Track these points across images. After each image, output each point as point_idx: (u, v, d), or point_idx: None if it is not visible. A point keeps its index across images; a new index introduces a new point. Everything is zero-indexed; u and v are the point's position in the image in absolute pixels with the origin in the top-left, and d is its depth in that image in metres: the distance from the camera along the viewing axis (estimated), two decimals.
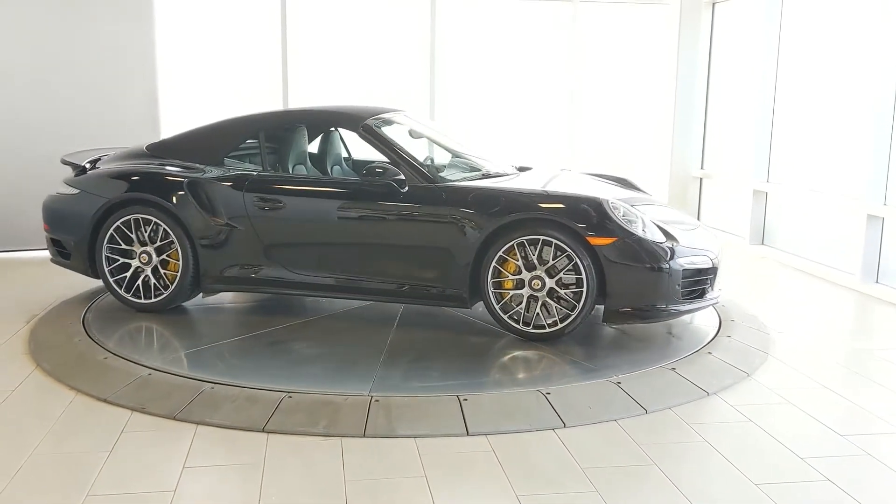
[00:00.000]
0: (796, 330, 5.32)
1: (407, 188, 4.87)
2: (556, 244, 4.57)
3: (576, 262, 4.54)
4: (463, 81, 9.07)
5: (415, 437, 3.62)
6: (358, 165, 5.94)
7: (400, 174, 4.87)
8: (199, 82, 8.77)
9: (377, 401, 3.87)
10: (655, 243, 4.59)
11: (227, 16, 8.66)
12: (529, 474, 3.30)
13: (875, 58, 6.40)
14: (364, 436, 3.62)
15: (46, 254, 7.28)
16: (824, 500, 3.12)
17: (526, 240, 4.61)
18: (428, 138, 6.06)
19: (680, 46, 8.97)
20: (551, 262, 4.60)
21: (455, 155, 5.82)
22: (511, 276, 4.67)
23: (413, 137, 5.93)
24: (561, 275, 4.60)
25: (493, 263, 4.67)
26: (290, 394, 3.93)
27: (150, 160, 5.53)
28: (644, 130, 9.56)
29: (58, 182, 5.69)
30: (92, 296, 5.76)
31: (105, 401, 3.98)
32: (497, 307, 4.73)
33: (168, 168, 5.41)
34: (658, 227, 4.75)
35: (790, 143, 7.70)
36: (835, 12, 7.11)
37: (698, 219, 9.25)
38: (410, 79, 8.87)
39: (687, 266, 4.65)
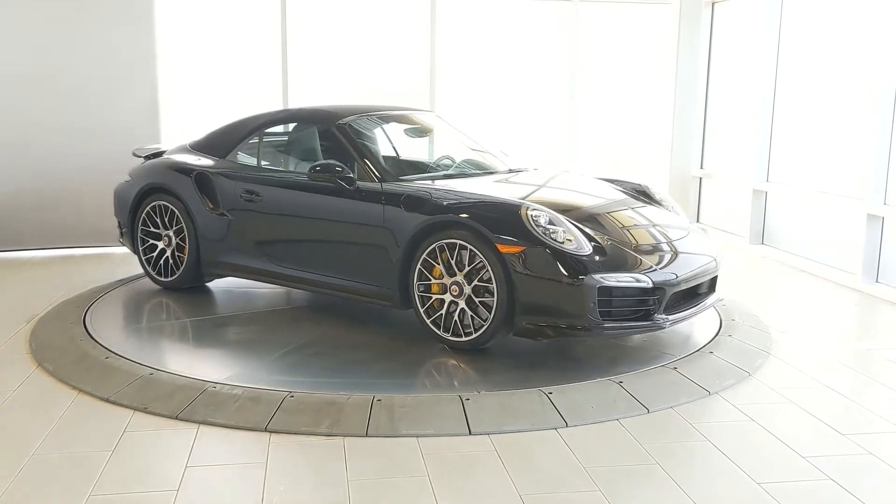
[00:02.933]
0: (797, 329, 5.33)
1: (355, 187, 4.96)
2: (470, 249, 4.41)
3: (487, 270, 4.35)
4: (463, 81, 9.07)
5: (417, 436, 3.62)
6: (399, 165, 5.86)
7: (349, 173, 4.99)
8: (200, 84, 8.76)
9: (379, 400, 3.87)
10: (569, 255, 4.25)
11: (227, 17, 8.65)
12: (532, 474, 3.30)
13: (875, 57, 6.40)
14: (366, 435, 3.62)
15: (46, 253, 7.35)
16: (826, 500, 3.12)
17: (445, 243, 4.50)
18: (450, 138, 6.14)
19: (680, 46, 8.98)
20: (468, 268, 4.42)
21: (468, 155, 5.88)
22: (434, 280, 4.58)
23: (410, 136, 6.03)
24: (476, 282, 4.40)
25: (419, 266, 4.60)
26: (293, 393, 3.94)
27: (186, 154, 6.02)
28: (644, 130, 9.56)
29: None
30: (93, 295, 5.76)
31: (107, 401, 3.98)
32: (421, 311, 4.65)
33: (185, 161, 5.89)
34: (593, 239, 4.42)
35: (790, 143, 7.71)
36: (835, 12, 7.12)
37: (698, 220, 9.26)
38: (411, 78, 8.87)
39: (607, 283, 4.24)
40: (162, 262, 5.85)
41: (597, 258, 4.33)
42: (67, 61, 7.30)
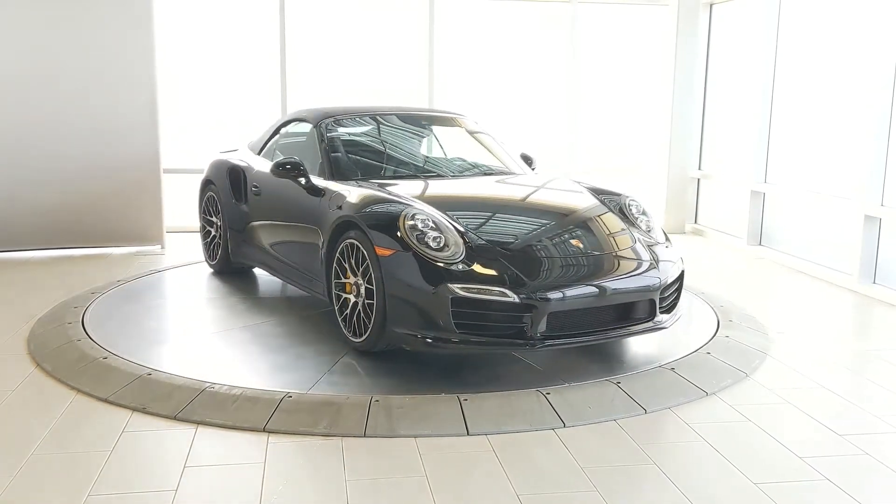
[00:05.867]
0: (795, 330, 5.34)
1: (309, 184, 5.19)
2: (362, 251, 4.41)
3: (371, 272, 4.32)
4: (462, 82, 9.09)
5: (415, 436, 3.63)
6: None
7: (303, 171, 5.22)
8: (199, 84, 8.78)
9: (377, 401, 3.88)
10: (431, 262, 4.10)
11: (226, 18, 8.67)
12: (530, 474, 3.31)
13: (872, 58, 6.42)
14: (365, 435, 3.63)
15: (45, 254, 7.39)
16: (823, 500, 3.13)
17: (348, 243, 4.52)
18: (466, 143, 6.25)
19: (678, 47, 9.00)
20: (361, 269, 4.41)
21: (480, 158, 5.99)
22: (344, 280, 4.61)
23: (413, 138, 6.16)
24: (366, 284, 4.37)
25: (334, 264, 4.67)
26: (290, 393, 3.95)
27: (240, 151, 6.49)
28: (642, 131, 9.58)
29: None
30: (91, 296, 5.76)
31: (105, 401, 3.99)
32: (336, 307, 4.70)
33: (228, 158, 6.41)
34: (474, 249, 4.23)
35: (788, 144, 7.73)
36: (832, 13, 7.13)
37: (696, 221, 9.27)
38: (409, 79, 8.89)
39: (462, 295, 4.01)
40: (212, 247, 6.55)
41: (460, 268, 4.11)
42: (67, 62, 7.28)
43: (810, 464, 3.42)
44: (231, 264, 6.34)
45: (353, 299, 4.51)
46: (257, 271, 6.49)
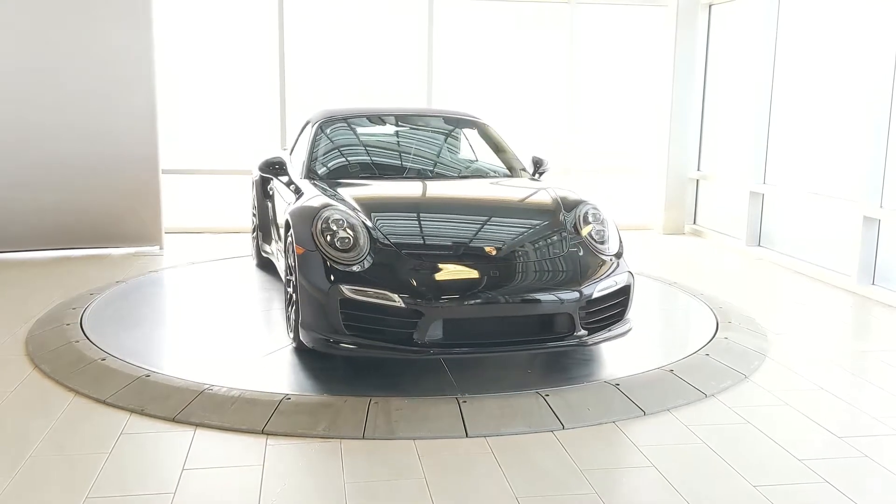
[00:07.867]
0: (794, 332, 5.34)
1: (289, 181, 5.47)
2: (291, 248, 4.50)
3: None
4: (461, 82, 9.09)
5: (414, 438, 3.62)
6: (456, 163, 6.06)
7: (284, 169, 5.57)
8: (198, 86, 8.77)
9: (376, 403, 3.88)
10: (330, 261, 4.12)
11: (225, 20, 8.67)
12: (529, 476, 3.31)
13: (871, 59, 6.42)
14: (363, 437, 3.63)
15: (43, 255, 7.39)
16: (822, 502, 3.13)
17: (289, 241, 4.60)
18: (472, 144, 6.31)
19: (677, 48, 8.99)
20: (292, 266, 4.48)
21: (484, 159, 6.07)
22: (289, 277, 4.65)
23: (396, 137, 6.19)
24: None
25: (285, 261, 4.75)
26: (289, 395, 3.94)
27: (280, 152, 6.61)
28: (641, 132, 9.58)
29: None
30: (90, 297, 5.76)
31: (104, 402, 3.98)
32: (285, 305, 4.79)
33: (266, 159, 6.22)
34: (380, 249, 4.20)
35: (787, 145, 7.73)
36: (831, 14, 7.13)
37: (695, 222, 9.27)
38: (409, 79, 8.89)
39: (350, 296, 3.99)
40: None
41: (357, 269, 4.10)
42: (67, 62, 7.26)
43: (809, 466, 3.41)
44: (262, 259, 6.64)
45: (294, 297, 4.57)
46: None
